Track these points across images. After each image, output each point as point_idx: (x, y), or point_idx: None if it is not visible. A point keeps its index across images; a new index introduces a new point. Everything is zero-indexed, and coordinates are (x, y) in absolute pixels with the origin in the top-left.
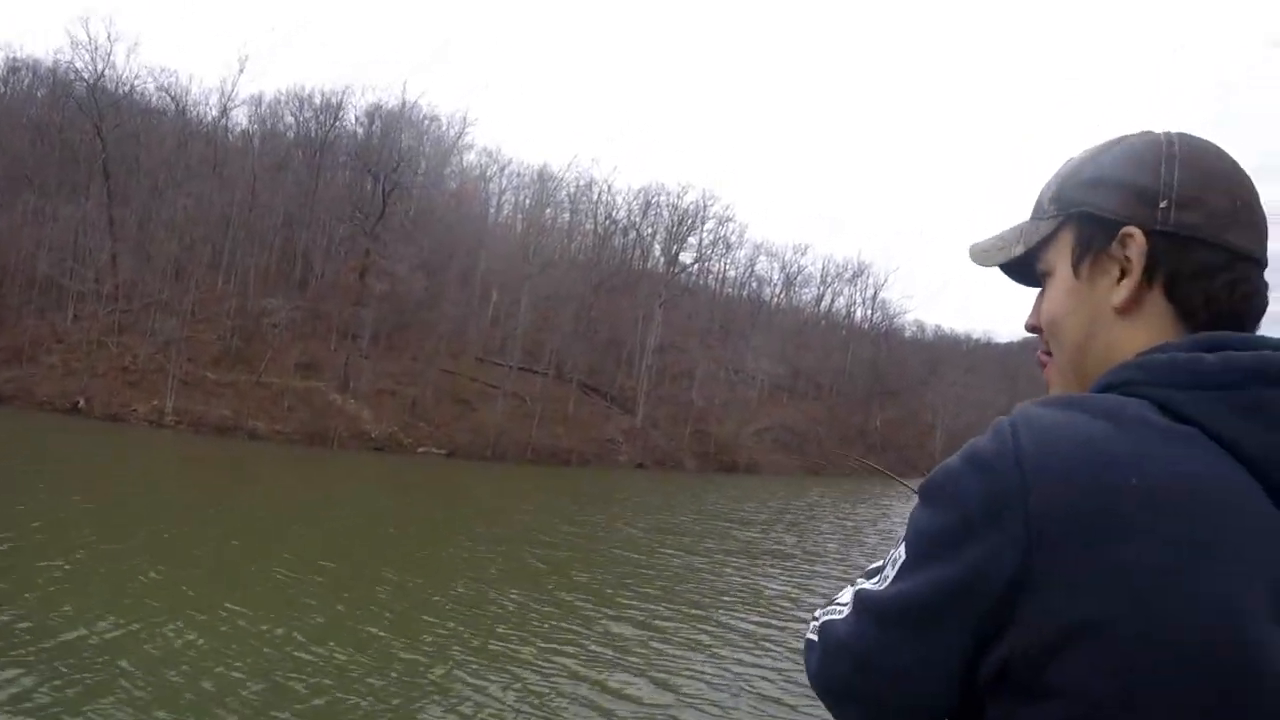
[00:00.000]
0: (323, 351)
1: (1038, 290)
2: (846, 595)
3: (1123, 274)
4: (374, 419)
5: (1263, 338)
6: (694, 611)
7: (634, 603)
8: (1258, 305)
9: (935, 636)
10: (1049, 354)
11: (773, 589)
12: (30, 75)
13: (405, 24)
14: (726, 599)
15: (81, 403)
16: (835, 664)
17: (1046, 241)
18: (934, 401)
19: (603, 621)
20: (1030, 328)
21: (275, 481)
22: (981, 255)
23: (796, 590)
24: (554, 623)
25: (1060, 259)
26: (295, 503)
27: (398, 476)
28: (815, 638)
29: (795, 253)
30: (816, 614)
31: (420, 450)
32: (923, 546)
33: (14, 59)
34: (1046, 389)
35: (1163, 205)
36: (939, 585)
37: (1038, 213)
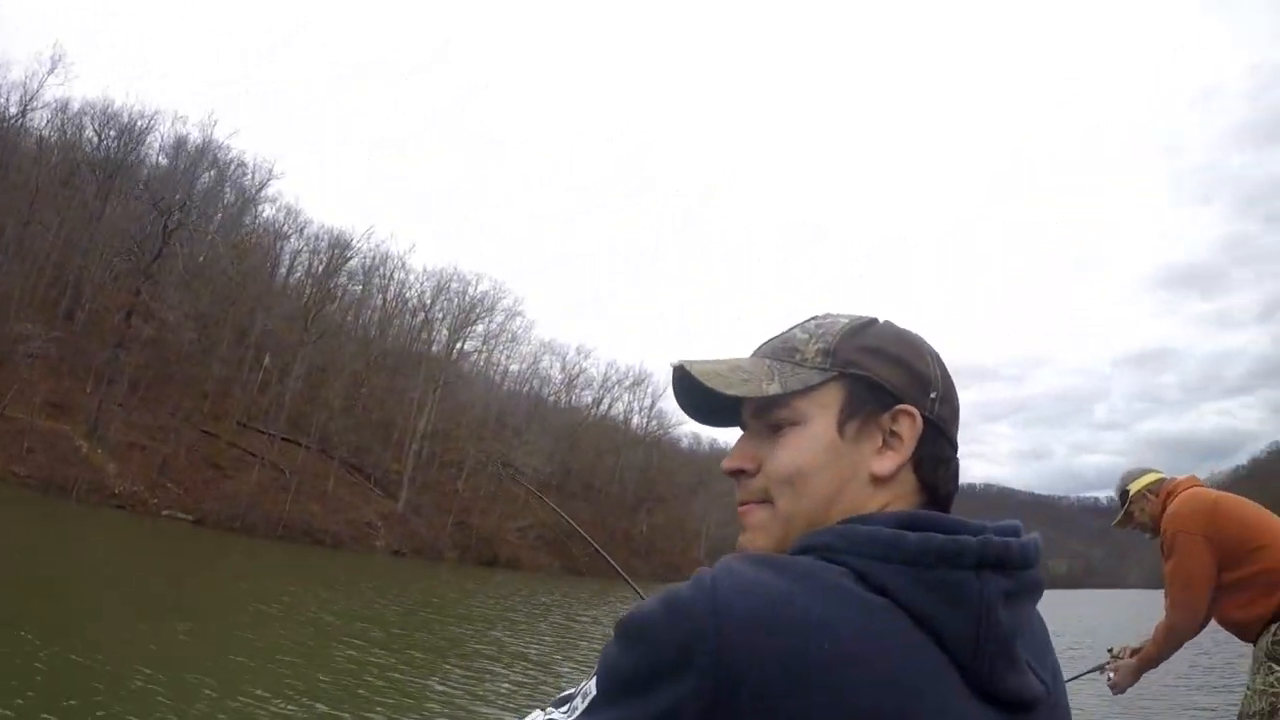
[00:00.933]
0: (76, 392)
1: (740, 432)
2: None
3: (885, 444)
4: (120, 473)
5: (962, 521)
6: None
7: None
8: (956, 489)
9: None
10: (760, 502)
11: (441, 689)
12: None
13: (236, 52)
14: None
15: None
16: None
17: (807, 391)
18: (701, 510)
19: None
20: (733, 470)
21: None
22: (716, 379)
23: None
24: None
25: (821, 413)
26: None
27: (133, 540)
28: None
29: (579, 354)
30: None
31: (165, 513)
32: (614, 684)
33: None
34: (738, 538)
35: (933, 395)
36: None
37: (794, 359)
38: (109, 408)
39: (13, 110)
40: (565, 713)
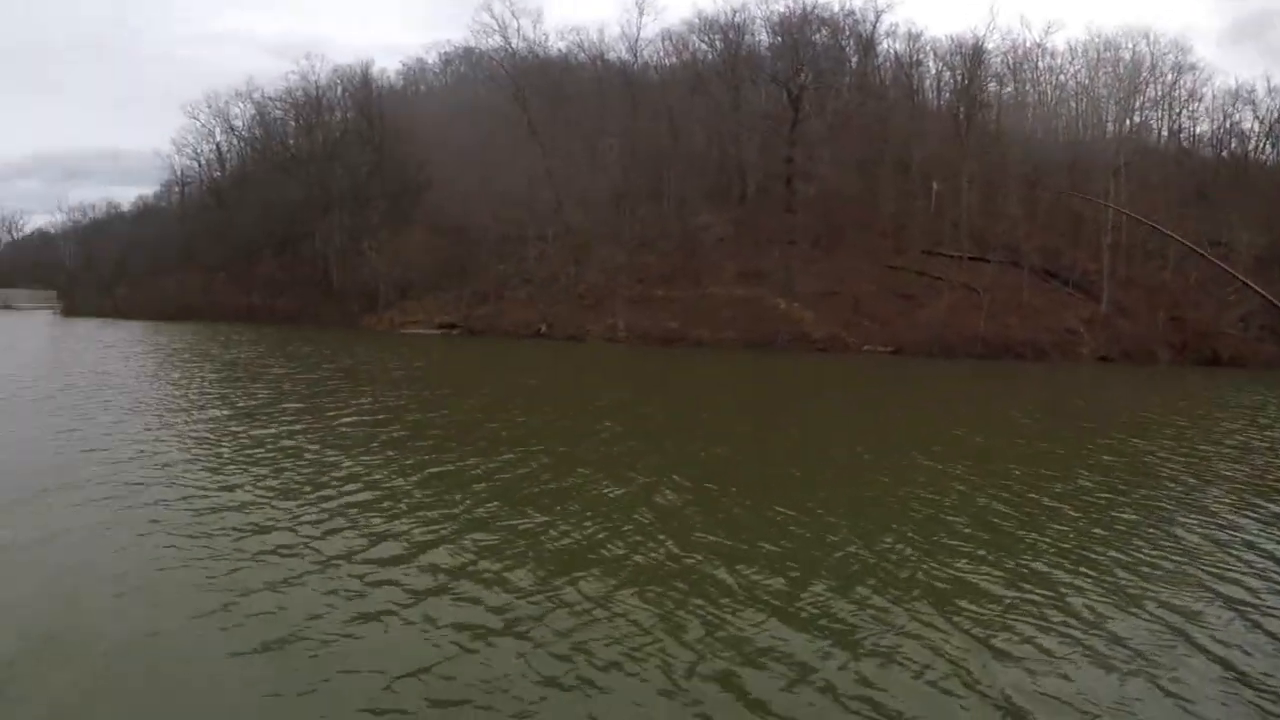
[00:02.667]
0: (762, 260)
1: None
2: None
3: None
4: (816, 320)
5: None
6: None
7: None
8: None
9: None
10: None
11: None
12: (458, 63)
13: None
14: None
15: (543, 328)
16: None
17: None
18: None
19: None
20: None
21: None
22: None
23: None
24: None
25: None
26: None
27: (848, 375)
28: None
29: (1272, 94)
30: None
31: (865, 349)
32: None
33: (444, 53)
34: None
35: None
36: None
37: None
38: (794, 266)
39: (625, 55)
40: None
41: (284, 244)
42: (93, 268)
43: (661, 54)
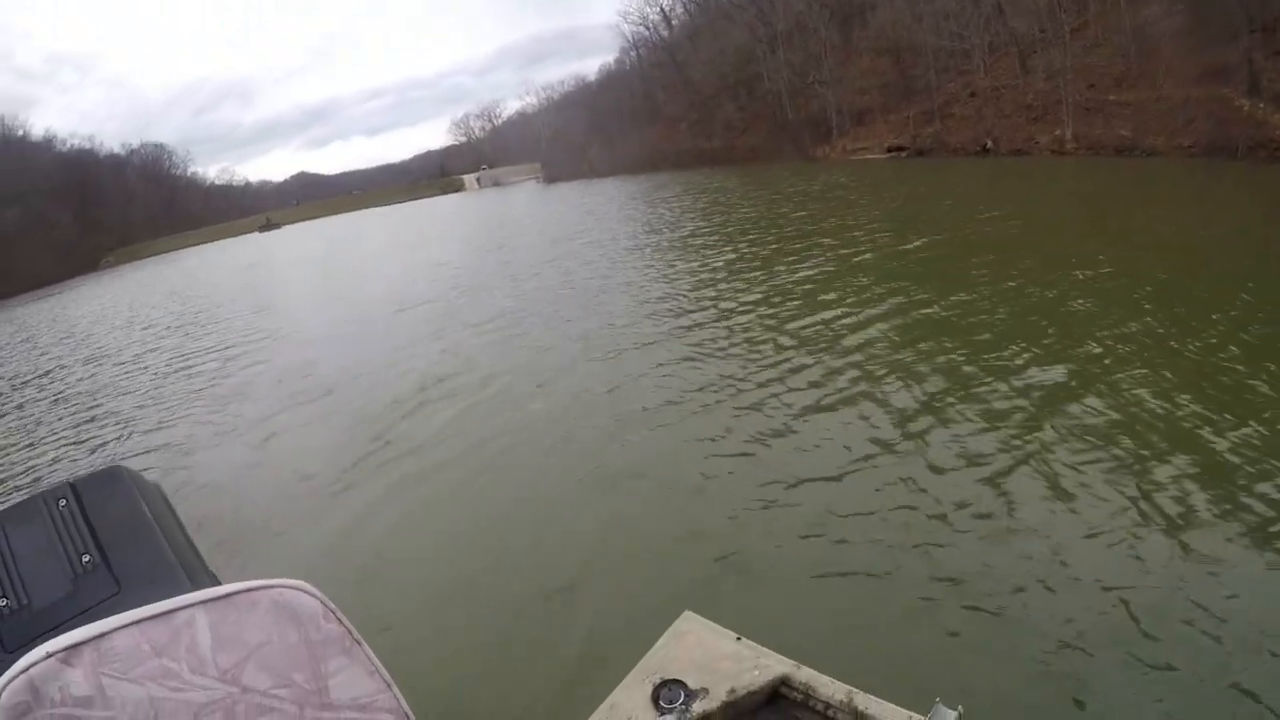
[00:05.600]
0: (1223, 54)
1: None
2: None
3: None
4: None
5: None
6: None
7: None
8: None
9: None
10: None
11: None
12: None
13: None
14: None
15: (989, 143)
16: None
17: None
18: None
19: None
20: None
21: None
22: None
23: None
24: None
25: None
26: None
27: None
28: None
29: None
30: None
31: None
32: None
33: None
34: None
35: None
36: None
37: None
38: (1261, 59)
39: None
40: None
41: (737, 87)
42: (565, 137)
43: None
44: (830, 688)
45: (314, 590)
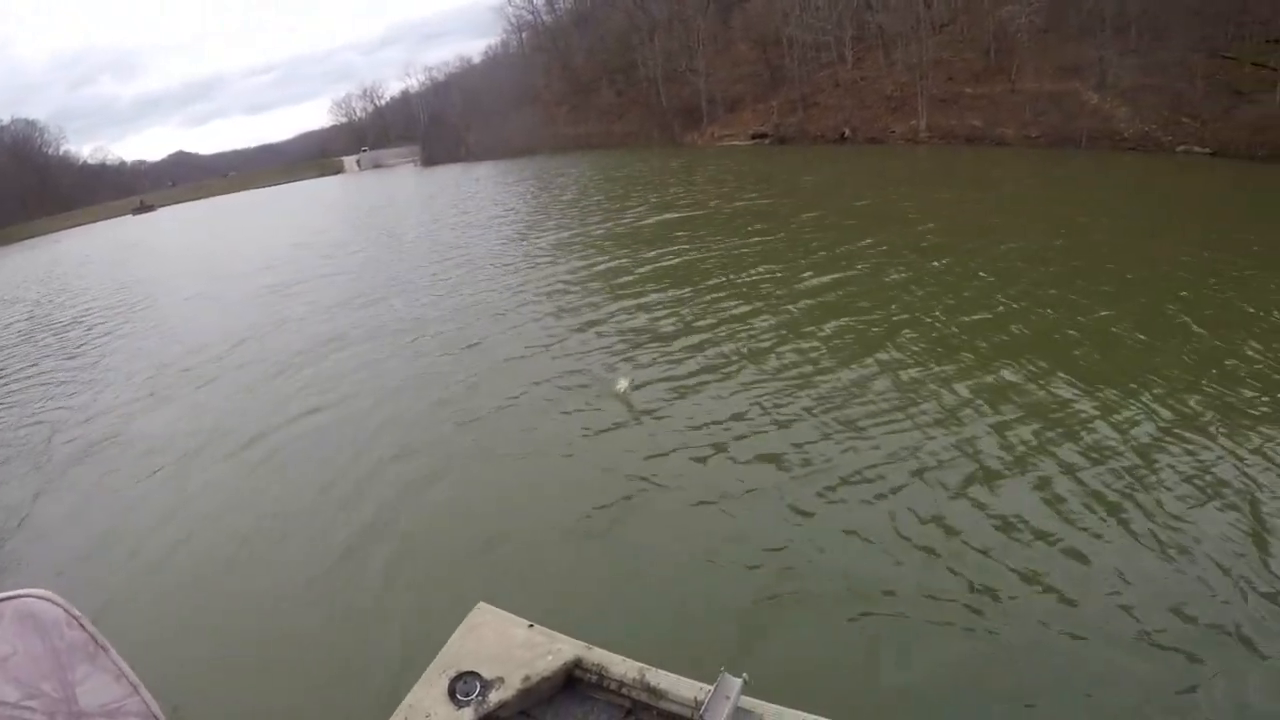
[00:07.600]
0: (1078, 51)
1: None
2: None
3: None
4: (1130, 117)
5: None
6: None
7: None
8: None
9: None
10: None
11: None
12: None
13: None
14: None
15: (847, 132)
16: None
17: None
18: None
19: None
20: None
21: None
22: None
23: None
24: None
25: None
26: None
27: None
28: None
29: None
30: None
31: (1180, 149)
32: None
33: None
34: None
35: None
36: None
37: None
38: (1112, 57)
39: None
40: None
41: (615, 73)
42: (444, 120)
43: None
44: (622, 666)
45: (57, 598)
